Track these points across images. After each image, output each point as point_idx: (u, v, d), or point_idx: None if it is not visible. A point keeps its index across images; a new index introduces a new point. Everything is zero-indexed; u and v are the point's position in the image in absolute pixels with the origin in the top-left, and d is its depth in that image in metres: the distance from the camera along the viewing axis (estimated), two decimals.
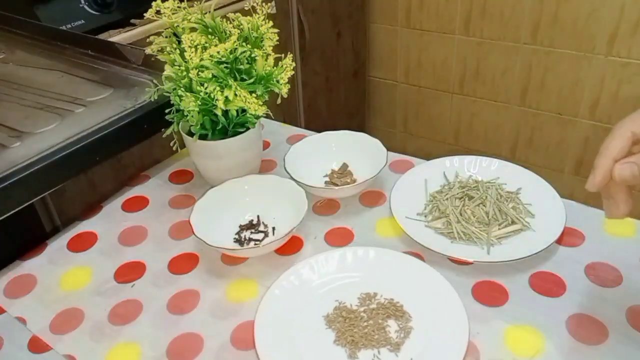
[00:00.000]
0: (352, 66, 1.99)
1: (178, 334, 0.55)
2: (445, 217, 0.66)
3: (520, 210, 0.67)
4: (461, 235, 0.63)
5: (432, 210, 0.68)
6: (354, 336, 0.52)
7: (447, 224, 0.65)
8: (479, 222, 0.65)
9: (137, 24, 1.18)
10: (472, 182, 0.72)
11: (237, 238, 0.66)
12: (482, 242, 0.62)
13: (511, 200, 0.68)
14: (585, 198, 0.65)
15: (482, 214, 0.66)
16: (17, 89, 0.75)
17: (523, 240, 0.62)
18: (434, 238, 0.63)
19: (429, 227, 0.65)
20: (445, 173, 0.74)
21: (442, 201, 0.68)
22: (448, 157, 0.76)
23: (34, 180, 0.57)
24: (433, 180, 0.73)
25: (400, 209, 0.67)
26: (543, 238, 0.61)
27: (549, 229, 0.62)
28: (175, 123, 0.67)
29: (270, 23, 0.65)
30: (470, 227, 0.64)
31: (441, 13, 1.84)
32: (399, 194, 0.69)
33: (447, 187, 0.72)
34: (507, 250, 0.61)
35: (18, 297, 0.61)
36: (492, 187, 0.70)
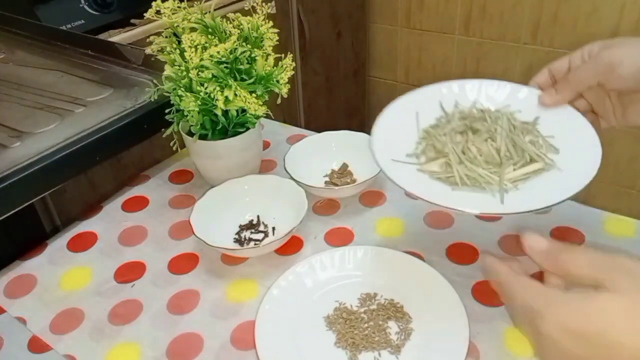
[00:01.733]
0: (352, 66, 1.99)
1: (178, 334, 0.55)
2: (444, 158, 0.52)
3: (541, 144, 0.53)
4: (465, 181, 0.49)
5: (426, 149, 0.54)
6: (355, 338, 0.52)
7: (445, 165, 0.52)
8: (487, 162, 0.51)
9: (137, 24, 1.18)
10: (477, 112, 0.57)
11: (237, 238, 0.66)
12: (493, 187, 0.49)
13: (528, 133, 0.54)
14: (585, 198, 0.65)
15: (491, 152, 0.52)
16: (17, 89, 0.75)
17: (547, 183, 0.49)
18: (429, 184, 0.50)
19: (423, 172, 0.52)
20: (442, 102, 0.59)
21: (439, 137, 0.54)
22: (445, 83, 0.61)
23: (34, 180, 0.57)
24: (426, 112, 0.58)
25: (384, 150, 0.52)
26: (572, 178, 0.48)
27: (579, 166, 0.49)
28: (175, 123, 0.67)
29: (270, 23, 0.65)
30: (476, 169, 0.50)
31: (441, 13, 1.84)
32: (383, 132, 0.54)
33: (444, 120, 0.57)
34: (526, 197, 0.47)
35: (18, 297, 0.61)
36: (503, 117, 0.55)
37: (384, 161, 0.50)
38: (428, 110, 0.58)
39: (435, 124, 0.57)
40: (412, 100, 0.59)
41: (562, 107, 0.56)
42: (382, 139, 0.53)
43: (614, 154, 1.73)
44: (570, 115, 0.55)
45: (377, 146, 0.52)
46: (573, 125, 0.54)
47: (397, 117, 0.57)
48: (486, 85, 0.60)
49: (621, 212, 0.66)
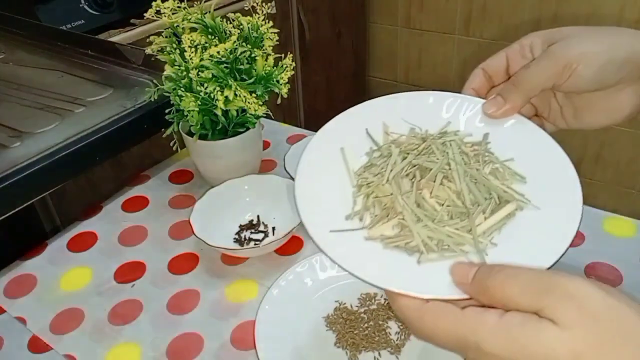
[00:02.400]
0: (352, 66, 1.99)
1: (178, 334, 0.55)
2: (396, 216, 0.40)
3: (503, 174, 0.43)
4: (430, 246, 0.38)
5: (368, 204, 0.42)
6: (355, 338, 0.52)
7: (400, 227, 0.40)
8: (450, 214, 0.40)
9: (137, 24, 1.18)
10: (417, 140, 0.46)
11: (237, 238, 0.66)
12: (467, 248, 0.38)
13: (485, 162, 0.44)
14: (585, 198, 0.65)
15: (451, 198, 0.41)
16: (17, 89, 0.75)
17: (527, 229, 0.39)
18: (387, 260, 0.38)
19: (372, 240, 0.40)
20: (369, 130, 0.47)
21: (381, 187, 0.42)
22: (368, 103, 0.49)
23: (34, 180, 0.57)
24: (353, 145, 0.46)
25: (317, 218, 0.40)
26: (555, 217, 0.39)
27: (556, 195, 0.40)
28: (175, 123, 0.67)
29: (270, 23, 0.65)
30: (440, 229, 0.39)
31: (441, 13, 1.84)
32: (309, 188, 0.42)
33: (379, 157, 0.45)
34: (511, 255, 0.37)
35: (18, 297, 0.61)
36: (452, 144, 0.44)
37: (321, 237, 0.38)
38: (355, 141, 0.47)
39: (368, 163, 0.45)
40: (334, 132, 0.47)
41: (516, 120, 0.46)
42: (309, 200, 0.41)
43: (614, 154, 1.73)
44: (520, 126, 0.45)
45: (307, 214, 0.40)
46: (528, 139, 0.44)
47: (321, 159, 0.45)
48: (408, 100, 0.48)
49: (621, 212, 0.66)
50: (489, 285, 0.32)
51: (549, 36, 0.46)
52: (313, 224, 0.39)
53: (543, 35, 0.46)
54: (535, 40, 0.47)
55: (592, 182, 1.80)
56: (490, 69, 0.49)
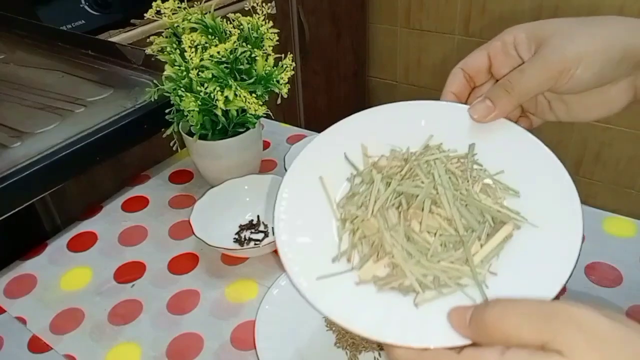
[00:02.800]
0: (352, 66, 1.99)
1: (178, 334, 0.55)
2: (385, 255, 0.37)
3: (495, 189, 0.40)
4: (426, 284, 0.35)
5: (354, 241, 0.39)
6: (355, 338, 0.52)
7: (392, 266, 0.37)
8: (443, 244, 0.37)
9: (137, 24, 1.18)
10: (399, 162, 0.42)
11: (237, 238, 0.66)
12: (466, 281, 0.35)
13: (475, 178, 0.40)
14: (585, 198, 0.65)
15: (443, 226, 0.37)
16: (17, 89, 0.75)
17: (527, 252, 0.36)
18: (383, 305, 0.35)
19: (364, 283, 0.37)
20: (347, 154, 0.44)
21: (367, 221, 0.39)
22: (345, 121, 0.45)
23: (34, 180, 0.57)
24: (332, 172, 0.43)
25: (301, 263, 0.37)
26: (556, 235, 0.36)
27: (553, 210, 0.37)
28: (175, 123, 0.67)
29: (270, 23, 0.65)
30: (434, 265, 0.36)
31: (441, 13, 1.84)
32: (290, 228, 0.39)
33: (361, 183, 0.42)
34: (514, 284, 0.35)
35: (18, 297, 0.61)
36: (437, 163, 0.41)
37: (307, 286, 0.36)
38: (334, 167, 0.43)
39: (350, 192, 0.42)
40: (312, 159, 0.44)
41: (504, 125, 0.42)
42: (292, 243, 0.38)
43: (613, 154, 1.73)
44: (507, 131, 0.42)
45: (290, 262, 0.37)
46: (517, 145, 0.41)
47: (301, 192, 0.42)
48: (386, 113, 0.45)
49: (621, 212, 0.66)
50: (486, 320, 0.29)
51: (534, 31, 0.42)
52: (296, 273, 0.36)
53: (526, 29, 0.43)
54: (519, 36, 0.43)
55: (592, 182, 1.80)
56: (470, 69, 0.45)
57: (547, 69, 0.40)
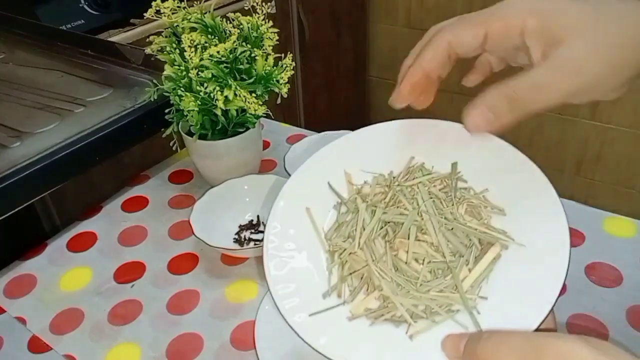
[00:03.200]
0: (352, 66, 1.99)
1: (178, 334, 0.55)
2: (374, 289, 0.38)
3: (479, 209, 0.40)
4: (417, 313, 0.36)
5: (344, 276, 0.39)
6: None
7: (382, 298, 0.37)
8: (432, 271, 0.37)
9: (137, 24, 1.18)
10: (382, 189, 0.43)
11: (237, 238, 0.66)
12: (457, 307, 0.36)
13: (457, 200, 0.40)
14: (585, 198, 0.65)
15: (429, 253, 0.38)
16: (17, 89, 0.75)
17: (515, 272, 0.36)
18: (378, 339, 0.36)
19: (357, 317, 0.37)
20: (331, 183, 0.44)
21: (355, 255, 0.39)
22: (328, 148, 0.45)
23: (34, 180, 0.57)
24: (318, 201, 0.43)
25: (293, 300, 0.37)
26: (543, 253, 0.36)
27: (540, 228, 0.36)
28: (175, 123, 0.67)
29: (270, 23, 0.65)
30: (424, 295, 0.36)
31: (441, 13, 1.84)
32: (275, 259, 0.39)
33: (346, 212, 0.43)
34: (502, 307, 0.35)
35: (18, 297, 0.61)
36: (421, 188, 0.41)
37: (301, 323, 0.36)
38: (319, 196, 0.43)
39: (336, 223, 0.42)
40: (297, 189, 0.43)
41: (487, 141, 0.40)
42: (282, 278, 0.38)
43: (614, 154, 1.73)
44: (488, 144, 0.40)
45: (281, 299, 0.37)
46: (499, 160, 0.40)
47: (289, 223, 0.42)
48: (367, 137, 0.45)
49: (621, 212, 0.66)
50: (479, 354, 0.31)
51: (549, 22, 0.34)
52: (289, 310, 0.36)
53: (539, 16, 0.34)
54: (530, 24, 0.34)
55: (593, 182, 1.80)
56: (460, 46, 0.37)
57: (564, 84, 0.34)
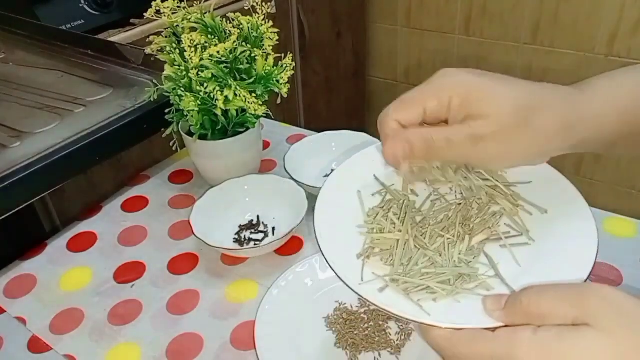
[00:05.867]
0: (352, 66, 1.99)
1: (178, 334, 0.55)
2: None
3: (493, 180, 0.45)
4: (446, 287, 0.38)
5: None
6: (355, 339, 0.52)
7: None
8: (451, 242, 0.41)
9: (137, 24, 1.18)
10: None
11: (237, 238, 0.66)
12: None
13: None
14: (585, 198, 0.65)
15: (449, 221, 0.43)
16: (17, 89, 0.75)
17: (547, 260, 0.39)
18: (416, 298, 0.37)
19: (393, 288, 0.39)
20: (377, 175, 0.48)
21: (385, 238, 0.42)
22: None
23: (34, 180, 0.57)
24: (368, 188, 0.47)
25: (348, 268, 0.40)
26: (572, 239, 0.40)
27: (572, 227, 0.41)
28: (175, 123, 0.67)
29: (270, 23, 0.65)
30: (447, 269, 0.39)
31: (441, 13, 1.84)
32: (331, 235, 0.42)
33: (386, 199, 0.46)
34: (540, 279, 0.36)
35: (18, 297, 0.61)
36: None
37: (353, 280, 0.39)
38: (368, 185, 0.47)
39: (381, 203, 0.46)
40: (348, 174, 0.48)
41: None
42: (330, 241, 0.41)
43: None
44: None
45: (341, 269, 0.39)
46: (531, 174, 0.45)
47: (333, 205, 0.45)
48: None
49: (621, 212, 0.66)
50: (523, 300, 0.32)
51: (468, 98, 0.39)
52: (346, 276, 0.39)
53: (460, 94, 0.39)
54: (454, 102, 0.40)
55: (593, 182, 1.80)
56: (406, 121, 0.42)
57: (472, 151, 0.39)
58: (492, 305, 0.34)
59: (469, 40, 1.83)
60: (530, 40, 1.71)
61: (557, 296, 0.31)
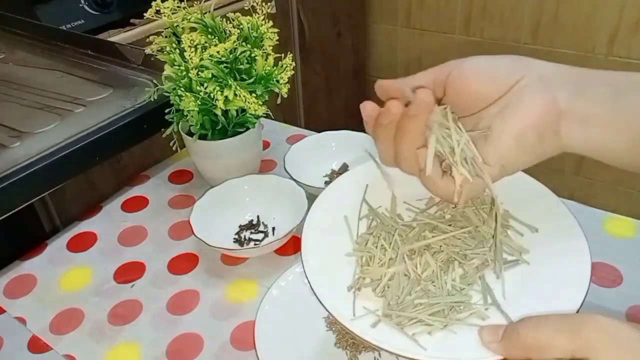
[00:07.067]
0: (352, 66, 1.99)
1: (178, 334, 0.55)
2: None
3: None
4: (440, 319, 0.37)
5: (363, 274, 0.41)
6: (355, 338, 0.52)
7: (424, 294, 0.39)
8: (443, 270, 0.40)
9: (137, 24, 1.18)
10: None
11: (237, 238, 0.66)
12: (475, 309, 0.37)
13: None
14: (585, 198, 0.65)
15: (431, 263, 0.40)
16: (17, 89, 0.75)
17: (539, 283, 0.39)
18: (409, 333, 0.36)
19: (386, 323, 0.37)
20: (366, 197, 0.46)
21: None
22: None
23: (34, 180, 0.57)
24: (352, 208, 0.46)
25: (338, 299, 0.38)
26: (565, 265, 0.41)
27: (562, 246, 0.42)
28: (175, 123, 0.67)
29: (270, 23, 0.65)
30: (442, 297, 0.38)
31: (441, 13, 1.84)
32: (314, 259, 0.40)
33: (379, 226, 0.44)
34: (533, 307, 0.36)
35: (18, 297, 0.61)
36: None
37: (347, 316, 0.37)
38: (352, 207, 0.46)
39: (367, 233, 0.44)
40: (332, 204, 0.46)
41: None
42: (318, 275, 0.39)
43: None
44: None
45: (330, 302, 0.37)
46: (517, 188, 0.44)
47: (322, 227, 0.43)
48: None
49: (621, 212, 0.66)
50: (521, 332, 0.31)
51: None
52: (335, 308, 0.37)
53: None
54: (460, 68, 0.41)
55: (593, 182, 1.80)
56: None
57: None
58: (489, 337, 0.33)
59: (469, 40, 1.83)
60: (530, 40, 1.71)
61: (555, 328, 0.30)
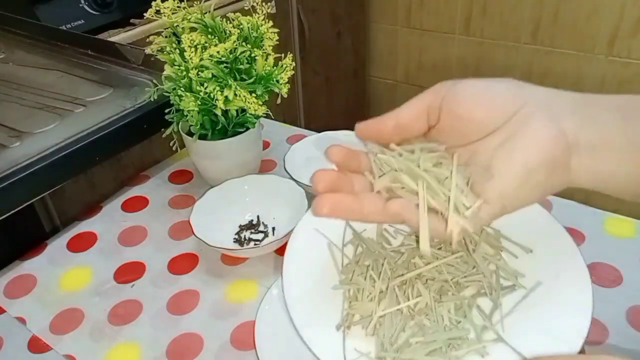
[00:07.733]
0: (352, 66, 1.99)
1: (178, 334, 0.55)
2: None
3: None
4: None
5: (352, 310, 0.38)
6: None
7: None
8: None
9: (137, 24, 1.18)
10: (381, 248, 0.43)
11: (237, 238, 0.66)
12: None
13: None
14: (585, 198, 0.65)
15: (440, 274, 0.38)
16: (16, 89, 0.75)
17: (539, 312, 0.37)
18: None
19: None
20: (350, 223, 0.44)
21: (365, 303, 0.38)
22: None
23: (34, 180, 0.57)
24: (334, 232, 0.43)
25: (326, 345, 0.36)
26: (567, 295, 0.38)
27: (563, 269, 0.40)
28: (175, 123, 0.67)
29: (270, 23, 0.65)
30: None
31: (441, 13, 1.84)
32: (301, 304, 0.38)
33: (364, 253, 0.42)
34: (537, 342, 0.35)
35: (18, 297, 0.61)
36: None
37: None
38: (334, 229, 0.43)
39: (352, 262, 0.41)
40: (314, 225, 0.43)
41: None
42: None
43: None
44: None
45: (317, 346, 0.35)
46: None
47: (304, 254, 0.41)
48: None
49: (621, 212, 0.66)
50: None
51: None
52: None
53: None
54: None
55: None
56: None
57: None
58: None
59: (469, 40, 1.83)
60: (530, 40, 1.71)
61: None
